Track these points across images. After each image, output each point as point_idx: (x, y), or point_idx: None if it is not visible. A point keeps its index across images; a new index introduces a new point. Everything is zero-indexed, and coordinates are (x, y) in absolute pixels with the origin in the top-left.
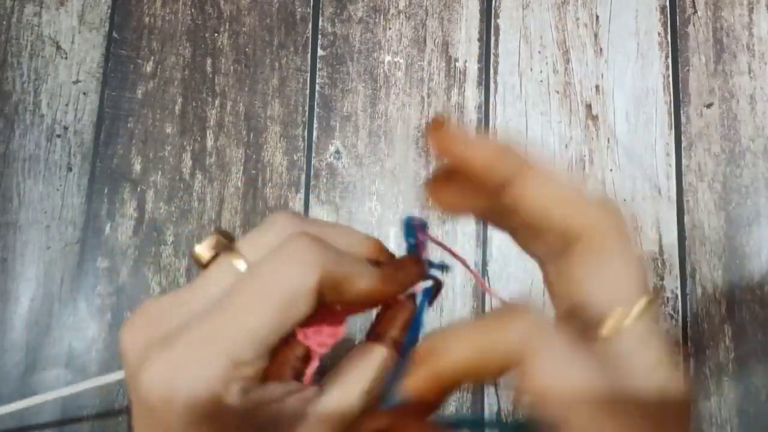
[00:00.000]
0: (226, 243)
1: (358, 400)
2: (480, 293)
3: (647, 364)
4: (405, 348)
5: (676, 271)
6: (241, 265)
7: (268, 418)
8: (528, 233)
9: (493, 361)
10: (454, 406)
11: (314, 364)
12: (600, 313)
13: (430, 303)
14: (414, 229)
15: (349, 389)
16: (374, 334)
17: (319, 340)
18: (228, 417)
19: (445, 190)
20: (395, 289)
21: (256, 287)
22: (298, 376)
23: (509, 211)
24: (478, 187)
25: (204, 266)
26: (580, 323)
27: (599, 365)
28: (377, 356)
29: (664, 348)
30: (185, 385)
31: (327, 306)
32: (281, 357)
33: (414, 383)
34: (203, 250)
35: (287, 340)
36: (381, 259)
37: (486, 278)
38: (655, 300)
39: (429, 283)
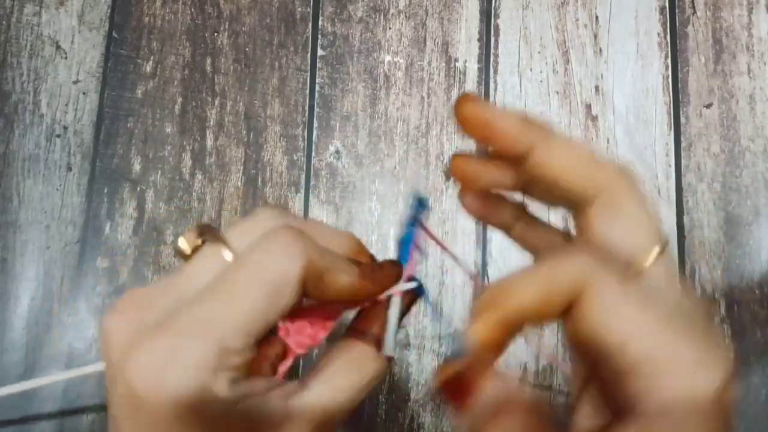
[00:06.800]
0: (212, 233)
1: (342, 396)
2: (480, 293)
3: (677, 293)
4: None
5: (676, 271)
6: (227, 254)
7: (255, 412)
8: (550, 197)
9: (555, 301)
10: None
11: (288, 362)
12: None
13: (408, 310)
14: (420, 210)
15: (332, 385)
16: (355, 331)
17: (299, 340)
18: (217, 408)
19: (468, 163)
20: (375, 288)
21: (244, 275)
22: (275, 373)
23: (531, 179)
24: (501, 161)
25: (188, 257)
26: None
27: (647, 294)
28: (361, 353)
29: (681, 281)
30: (175, 372)
31: (313, 308)
32: (261, 353)
33: (480, 331)
34: (187, 240)
35: (267, 336)
36: (361, 257)
37: (486, 279)
38: (667, 244)
39: (412, 284)
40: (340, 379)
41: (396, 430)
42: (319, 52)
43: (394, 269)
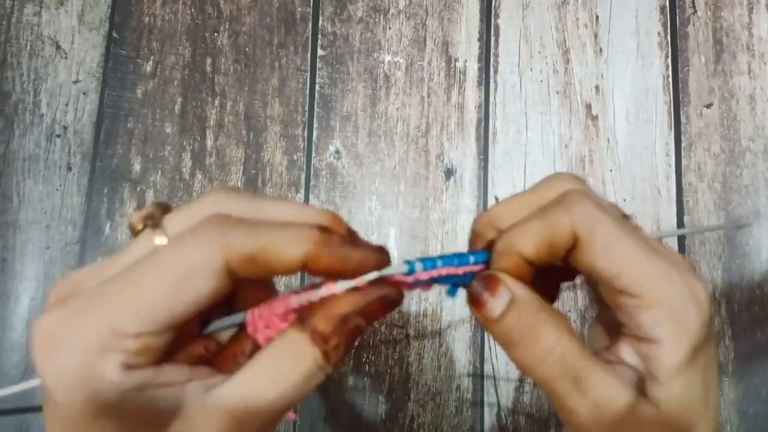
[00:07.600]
0: (158, 216)
1: (270, 389)
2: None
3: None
4: None
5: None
6: (160, 240)
7: (159, 403)
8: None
9: (559, 245)
10: (454, 405)
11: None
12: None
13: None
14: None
15: (258, 377)
16: (300, 317)
17: (268, 334)
18: (109, 392)
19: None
20: (340, 262)
21: (155, 263)
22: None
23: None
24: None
25: (135, 236)
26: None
27: (635, 233)
28: (295, 343)
29: None
30: (61, 346)
31: (282, 300)
32: (229, 350)
33: (500, 268)
34: (136, 221)
35: (237, 334)
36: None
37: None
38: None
39: (400, 269)
40: (268, 370)
41: (396, 430)
42: (319, 52)
43: (374, 253)
